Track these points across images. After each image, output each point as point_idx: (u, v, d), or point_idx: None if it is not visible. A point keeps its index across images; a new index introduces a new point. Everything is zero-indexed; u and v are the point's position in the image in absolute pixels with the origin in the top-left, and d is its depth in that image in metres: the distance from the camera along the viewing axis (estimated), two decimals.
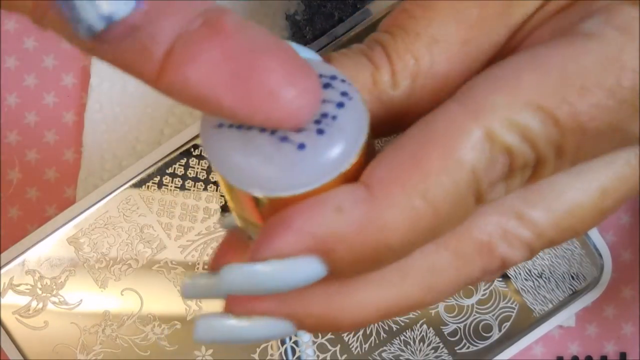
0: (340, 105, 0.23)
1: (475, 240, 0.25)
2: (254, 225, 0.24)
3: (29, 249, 0.35)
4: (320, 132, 0.23)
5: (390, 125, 0.25)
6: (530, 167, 0.23)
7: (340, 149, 0.23)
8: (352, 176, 0.23)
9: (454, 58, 0.25)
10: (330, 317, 0.24)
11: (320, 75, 0.24)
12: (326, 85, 0.24)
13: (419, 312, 0.29)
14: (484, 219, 0.25)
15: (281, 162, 0.23)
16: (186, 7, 0.22)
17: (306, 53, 0.25)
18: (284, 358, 0.36)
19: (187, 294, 0.26)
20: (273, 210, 0.23)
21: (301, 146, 0.23)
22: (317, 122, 0.23)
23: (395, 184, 0.22)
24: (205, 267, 0.36)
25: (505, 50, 0.25)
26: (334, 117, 0.23)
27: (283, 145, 0.23)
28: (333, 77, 0.24)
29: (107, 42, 0.21)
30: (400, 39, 0.26)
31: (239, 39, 0.22)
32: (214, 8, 0.23)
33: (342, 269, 0.23)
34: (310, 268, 0.23)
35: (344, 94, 0.23)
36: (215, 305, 0.36)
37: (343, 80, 0.24)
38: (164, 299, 0.36)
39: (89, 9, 0.21)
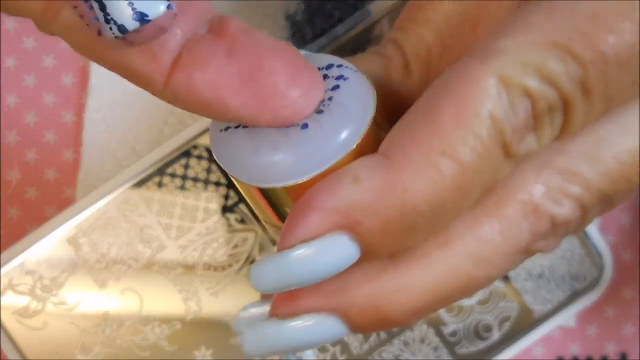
0: (336, 87, 0.24)
1: (519, 203, 0.24)
2: (279, 228, 0.24)
3: (28, 249, 0.35)
4: (319, 112, 0.23)
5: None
6: (558, 112, 0.22)
7: (343, 124, 0.23)
8: (367, 152, 0.23)
9: (465, 40, 0.25)
10: (377, 306, 0.23)
11: (318, 68, 0.24)
12: (323, 77, 0.24)
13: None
14: (525, 180, 0.24)
15: (288, 146, 0.23)
16: (194, 14, 0.22)
17: (301, 52, 0.25)
18: (284, 358, 0.36)
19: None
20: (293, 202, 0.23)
21: (304, 126, 0.23)
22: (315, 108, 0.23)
23: (411, 145, 0.22)
24: (205, 267, 0.36)
25: None
26: (330, 98, 0.23)
27: (287, 130, 0.23)
28: (329, 66, 0.24)
29: (134, 43, 0.21)
30: (410, 30, 0.26)
31: (243, 42, 0.22)
32: (217, 15, 0.23)
33: (374, 243, 0.22)
34: (341, 247, 0.22)
35: (339, 77, 0.24)
36: (223, 304, 0.36)
37: (339, 66, 0.24)
38: (164, 299, 0.36)
39: (123, 8, 0.21)
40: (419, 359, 0.36)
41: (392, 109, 0.24)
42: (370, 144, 0.23)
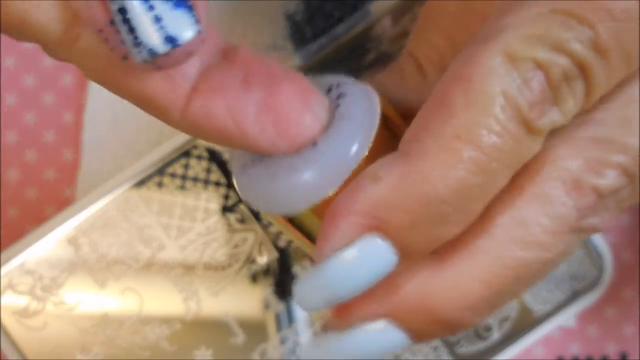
0: (338, 100, 0.24)
1: (557, 180, 0.23)
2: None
3: (28, 249, 0.35)
4: (326, 128, 0.23)
5: None
6: (577, 79, 0.22)
7: (351, 134, 0.23)
8: (382, 156, 0.23)
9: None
10: (428, 306, 0.23)
11: (323, 89, 0.25)
12: (327, 90, 0.25)
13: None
14: (559, 155, 0.23)
15: (304, 167, 0.23)
16: (210, 41, 0.23)
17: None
18: (284, 358, 0.36)
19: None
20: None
21: (314, 144, 0.23)
22: None
23: (425, 135, 0.22)
24: (205, 267, 0.36)
25: None
26: (334, 113, 0.24)
27: (300, 152, 0.23)
28: (331, 85, 0.25)
29: (162, 67, 0.21)
30: (420, 37, 0.26)
31: (256, 69, 0.23)
32: (229, 44, 0.23)
33: (407, 240, 0.22)
34: (375, 249, 0.22)
35: (339, 95, 0.24)
36: (223, 304, 0.36)
37: (339, 84, 0.25)
38: (164, 299, 0.36)
39: (152, 31, 0.21)
40: (419, 358, 0.36)
41: (413, 115, 0.24)
42: (384, 149, 0.23)
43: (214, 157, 0.36)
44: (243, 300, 0.36)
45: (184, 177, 0.36)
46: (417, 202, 0.21)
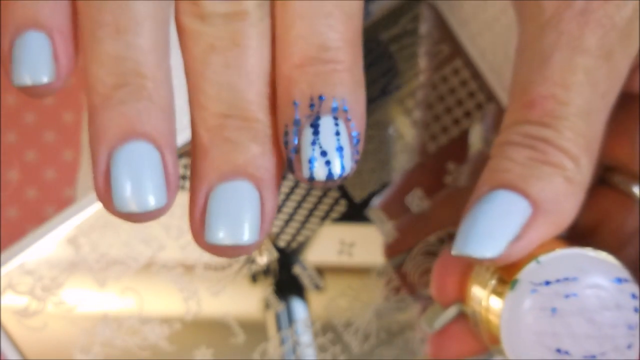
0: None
1: None
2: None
3: (28, 249, 0.35)
4: None
5: None
6: None
7: None
8: None
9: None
10: None
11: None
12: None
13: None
14: None
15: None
16: None
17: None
18: (284, 358, 0.36)
19: None
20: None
21: None
22: None
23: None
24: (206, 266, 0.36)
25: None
26: None
27: None
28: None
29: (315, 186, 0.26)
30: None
31: None
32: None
33: None
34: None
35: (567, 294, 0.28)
36: (223, 304, 0.36)
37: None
38: (164, 299, 0.36)
39: (322, 165, 0.25)
40: (419, 358, 0.36)
41: None
42: None
43: None
44: (243, 300, 0.36)
45: (184, 177, 0.36)
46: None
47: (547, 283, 0.26)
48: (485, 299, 0.28)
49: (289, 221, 0.36)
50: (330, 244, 0.36)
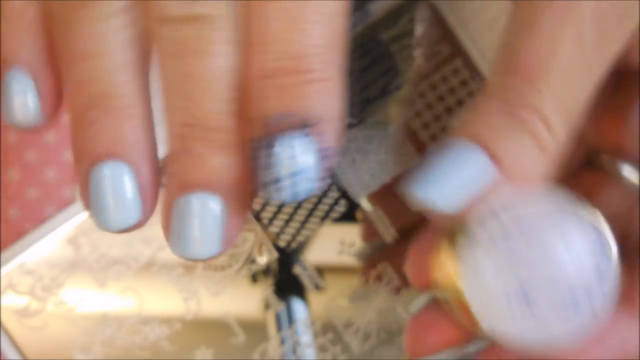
0: None
1: None
2: None
3: (28, 249, 0.35)
4: None
5: None
6: None
7: None
8: None
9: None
10: None
11: None
12: None
13: None
14: None
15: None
16: None
17: None
18: (284, 358, 0.36)
19: None
20: None
21: None
22: None
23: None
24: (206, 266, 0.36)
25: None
26: None
27: None
28: None
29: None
30: None
31: None
32: None
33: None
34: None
35: None
36: (223, 304, 0.36)
37: None
38: (164, 299, 0.36)
39: (283, 187, 0.24)
40: (419, 358, 0.36)
41: None
42: None
43: None
44: (243, 300, 0.36)
45: None
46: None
47: (494, 214, 0.25)
48: (447, 268, 0.27)
49: (289, 221, 0.36)
50: (330, 244, 0.36)
